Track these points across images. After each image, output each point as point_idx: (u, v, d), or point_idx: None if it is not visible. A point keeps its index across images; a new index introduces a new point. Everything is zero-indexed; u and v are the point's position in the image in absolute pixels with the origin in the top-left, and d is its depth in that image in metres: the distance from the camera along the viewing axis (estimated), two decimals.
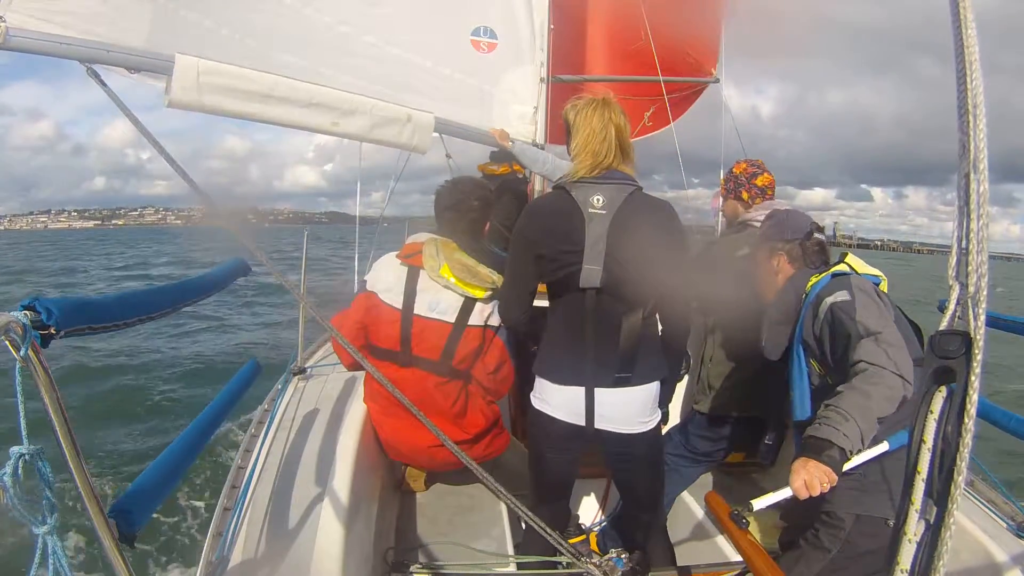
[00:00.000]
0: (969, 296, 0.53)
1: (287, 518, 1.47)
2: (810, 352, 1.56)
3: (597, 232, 1.49)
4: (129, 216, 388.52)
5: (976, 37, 0.52)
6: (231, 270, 1.67)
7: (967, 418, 0.52)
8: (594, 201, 1.50)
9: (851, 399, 1.30)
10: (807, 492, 1.28)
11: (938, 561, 0.53)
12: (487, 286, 1.90)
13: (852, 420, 1.28)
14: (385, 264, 2.02)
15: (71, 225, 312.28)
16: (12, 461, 0.68)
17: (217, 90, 1.82)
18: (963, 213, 0.53)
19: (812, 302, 1.55)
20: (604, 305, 1.53)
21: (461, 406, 1.98)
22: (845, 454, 1.29)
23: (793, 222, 1.71)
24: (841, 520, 1.47)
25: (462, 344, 1.92)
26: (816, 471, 1.28)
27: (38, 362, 0.72)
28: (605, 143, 1.51)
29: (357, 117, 2.16)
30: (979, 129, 0.52)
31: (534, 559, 1.70)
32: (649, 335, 1.59)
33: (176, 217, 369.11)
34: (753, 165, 2.27)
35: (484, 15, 2.63)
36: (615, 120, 1.52)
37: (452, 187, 2.04)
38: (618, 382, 1.56)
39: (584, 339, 1.56)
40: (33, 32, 1.54)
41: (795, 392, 1.61)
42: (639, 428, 1.60)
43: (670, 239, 1.57)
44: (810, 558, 1.52)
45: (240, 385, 1.62)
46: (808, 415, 1.54)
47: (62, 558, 0.73)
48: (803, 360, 1.58)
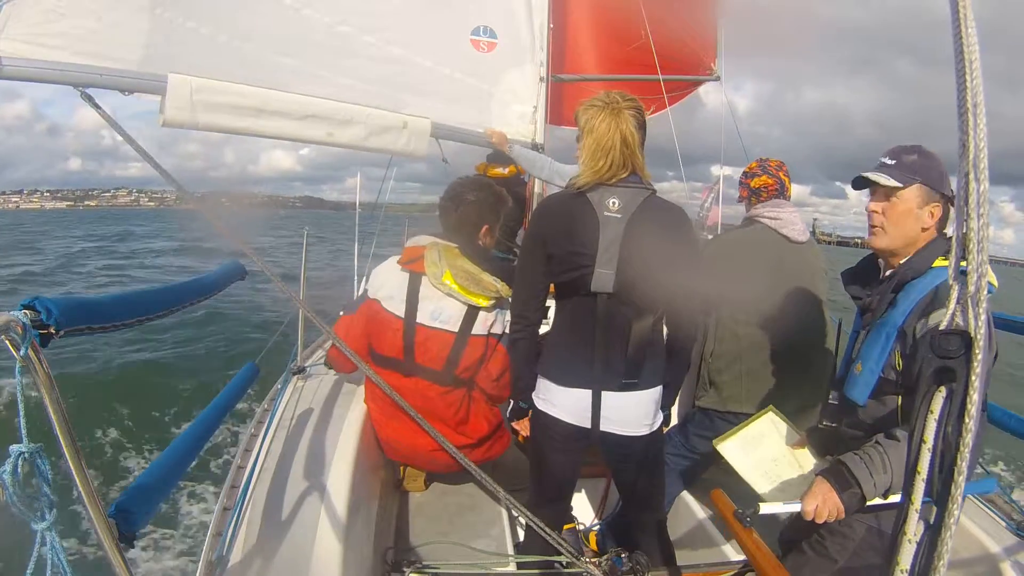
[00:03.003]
0: (969, 296, 0.53)
1: (287, 518, 1.47)
2: (902, 344, 1.32)
3: (611, 236, 1.48)
4: (102, 197, 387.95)
5: (976, 36, 0.52)
6: (228, 273, 1.67)
7: (967, 418, 0.52)
8: (609, 204, 1.49)
9: (901, 454, 1.24)
10: (813, 517, 1.28)
11: (938, 561, 0.53)
12: (491, 294, 1.87)
13: (890, 474, 1.25)
14: (386, 270, 1.99)
15: (43, 206, 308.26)
16: (12, 459, 0.68)
17: (211, 107, 1.82)
18: (963, 213, 0.53)
19: (929, 297, 1.29)
20: (615, 310, 1.52)
21: (464, 413, 1.96)
22: (864, 501, 1.28)
23: (948, 177, 1.36)
24: (852, 529, 1.44)
25: (466, 354, 1.90)
26: (832, 504, 1.27)
27: (38, 361, 0.72)
28: (608, 156, 1.48)
29: (352, 127, 2.15)
30: (979, 128, 0.52)
31: (534, 559, 1.70)
32: (656, 340, 1.58)
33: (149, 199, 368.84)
34: (761, 165, 2.28)
35: (484, 15, 2.63)
36: (622, 128, 1.48)
37: (455, 182, 2.03)
38: (625, 387, 1.55)
39: (594, 343, 1.54)
40: (26, 60, 1.54)
41: (864, 370, 1.39)
42: (642, 431, 1.59)
43: (683, 244, 1.56)
44: (815, 567, 1.49)
45: (239, 387, 1.62)
46: (863, 402, 1.39)
47: (60, 554, 0.73)
48: (891, 347, 1.35)
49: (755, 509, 1.32)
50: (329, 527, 1.44)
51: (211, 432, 1.33)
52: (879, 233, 1.41)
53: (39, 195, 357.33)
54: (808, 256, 2.22)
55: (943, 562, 0.53)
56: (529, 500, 1.78)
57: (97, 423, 5.34)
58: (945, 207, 1.36)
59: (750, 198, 2.25)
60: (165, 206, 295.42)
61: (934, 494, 0.55)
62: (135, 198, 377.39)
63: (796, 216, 2.21)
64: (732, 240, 2.30)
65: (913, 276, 1.36)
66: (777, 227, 2.18)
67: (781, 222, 2.18)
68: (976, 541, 1.58)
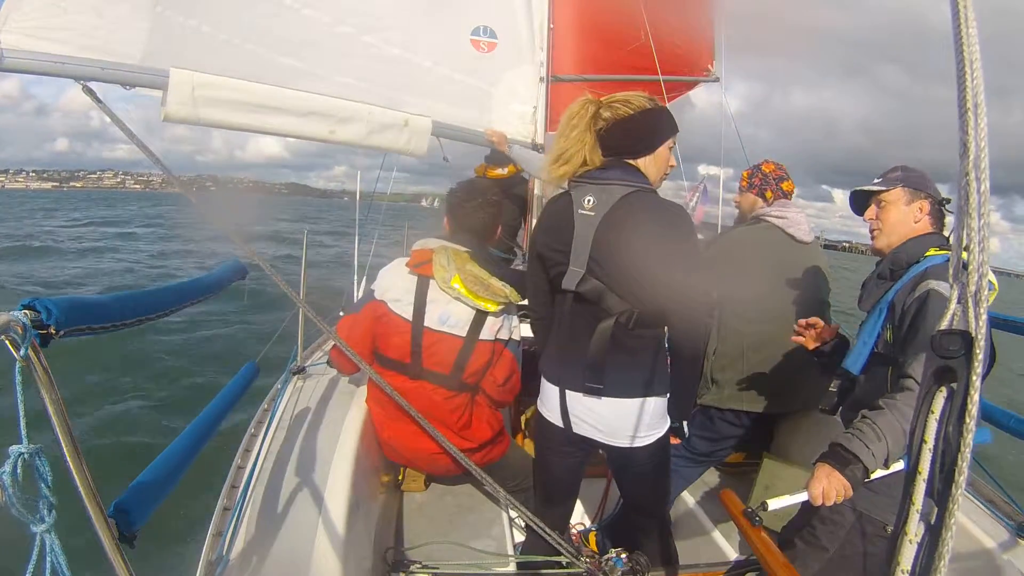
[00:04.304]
0: (970, 295, 0.53)
1: (287, 518, 1.47)
2: (891, 317, 1.48)
3: (584, 234, 1.46)
4: (88, 179, 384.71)
5: (977, 35, 0.52)
6: (229, 272, 1.67)
7: (968, 418, 0.52)
8: (584, 202, 1.46)
9: (889, 419, 1.29)
10: (822, 501, 1.29)
11: (939, 561, 0.53)
12: (499, 299, 1.86)
13: (884, 441, 1.27)
14: (394, 272, 1.97)
15: (28, 186, 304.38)
16: (11, 460, 0.68)
17: (212, 103, 1.82)
18: (963, 212, 0.53)
19: (918, 274, 1.45)
20: (581, 309, 1.50)
21: (467, 418, 1.96)
22: (867, 472, 1.29)
23: (933, 184, 1.58)
24: (841, 515, 1.47)
25: (473, 358, 1.90)
26: (837, 483, 1.28)
27: (38, 362, 0.72)
28: (569, 144, 1.46)
29: (354, 124, 2.15)
30: (980, 128, 0.51)
31: (534, 559, 1.70)
32: (632, 348, 1.48)
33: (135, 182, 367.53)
34: (780, 168, 2.31)
35: (484, 15, 2.63)
36: (586, 115, 1.46)
37: (468, 184, 2.05)
38: (589, 390, 1.51)
39: (560, 340, 1.56)
40: (28, 52, 1.54)
41: (858, 343, 1.56)
42: (637, 443, 1.54)
43: (668, 244, 1.43)
44: (808, 557, 1.51)
45: (239, 386, 1.62)
46: (859, 372, 1.53)
47: (60, 555, 0.73)
48: (882, 321, 1.51)
49: (764, 506, 1.32)
50: (329, 527, 1.43)
51: (211, 432, 1.32)
52: (877, 235, 1.59)
53: (24, 175, 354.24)
54: (813, 256, 2.22)
55: (944, 562, 0.53)
56: (531, 501, 1.78)
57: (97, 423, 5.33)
58: (933, 205, 1.55)
59: (776, 199, 2.29)
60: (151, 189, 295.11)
61: (934, 494, 0.55)
62: (121, 180, 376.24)
63: (802, 216, 2.21)
64: (738, 237, 2.30)
65: (907, 261, 1.51)
66: (783, 226, 2.19)
67: (787, 221, 2.19)
68: (976, 541, 1.58)
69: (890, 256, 1.55)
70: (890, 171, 1.61)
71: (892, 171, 1.61)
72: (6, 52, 1.50)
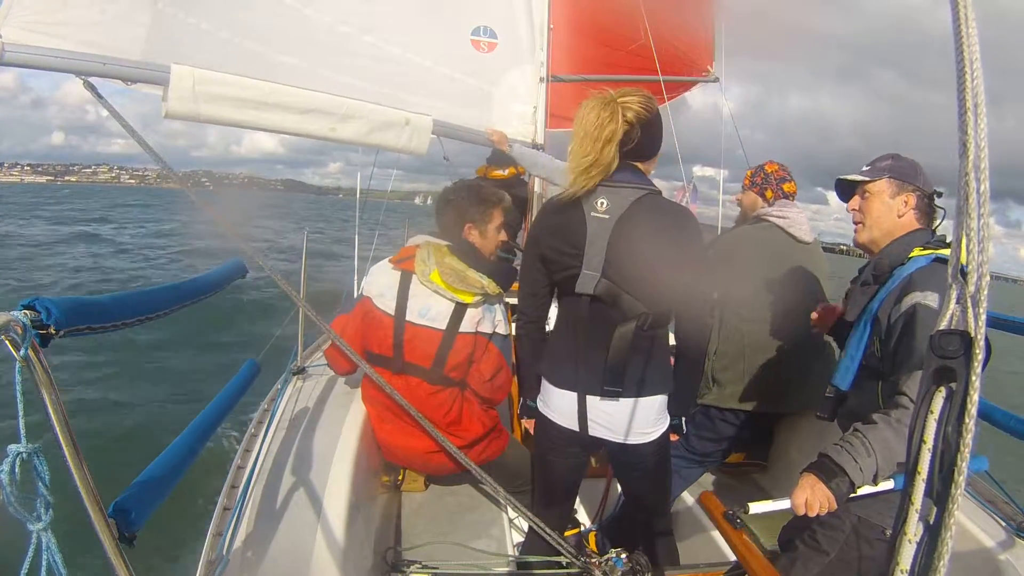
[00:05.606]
0: (969, 295, 0.53)
1: (286, 518, 1.47)
2: (877, 330, 1.43)
3: (598, 237, 1.45)
4: (83, 173, 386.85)
5: (977, 35, 0.51)
6: (229, 271, 1.67)
7: (967, 418, 0.52)
8: (598, 205, 1.45)
9: (880, 435, 1.27)
10: (804, 511, 1.28)
11: (938, 562, 0.53)
12: (476, 291, 1.88)
13: (873, 456, 1.25)
14: (379, 269, 2.02)
15: (23, 179, 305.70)
16: (9, 459, 0.68)
17: (213, 99, 1.82)
18: (963, 212, 0.53)
19: (903, 283, 1.39)
20: (598, 313, 1.49)
21: (456, 414, 1.97)
22: (853, 487, 1.27)
23: (925, 175, 1.50)
24: (842, 521, 1.45)
25: (453, 352, 1.91)
26: (821, 495, 1.27)
27: (38, 362, 0.72)
28: (593, 149, 1.40)
29: (354, 122, 2.15)
30: (980, 128, 0.52)
31: (534, 559, 1.70)
32: (645, 348, 1.50)
33: (130, 176, 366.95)
34: (783, 169, 2.32)
35: (484, 15, 2.63)
36: (616, 121, 1.40)
37: (455, 185, 2.09)
38: (608, 393, 1.51)
39: (577, 345, 1.53)
40: (29, 47, 1.54)
41: (845, 358, 1.52)
42: (642, 439, 1.56)
43: (681, 247, 1.46)
44: (808, 560, 1.50)
45: (240, 385, 1.62)
46: (847, 387, 1.50)
47: (56, 553, 0.73)
48: (868, 333, 1.46)
49: (744, 509, 1.32)
50: (329, 527, 1.43)
51: (212, 431, 1.32)
52: (860, 228, 1.55)
53: (19, 168, 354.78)
54: (814, 256, 2.23)
55: (943, 562, 0.53)
56: (532, 501, 1.78)
57: (97, 423, 5.34)
58: (920, 198, 1.48)
59: (776, 199, 2.28)
60: (145, 184, 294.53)
61: (934, 494, 0.55)
62: (116, 175, 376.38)
63: (803, 216, 2.22)
64: (739, 237, 2.30)
65: (891, 264, 1.46)
66: (785, 226, 2.19)
67: (789, 221, 2.19)
68: (976, 541, 1.58)
69: (873, 262, 1.52)
70: (880, 159, 1.55)
71: (882, 159, 1.54)
72: (8, 47, 1.50)
